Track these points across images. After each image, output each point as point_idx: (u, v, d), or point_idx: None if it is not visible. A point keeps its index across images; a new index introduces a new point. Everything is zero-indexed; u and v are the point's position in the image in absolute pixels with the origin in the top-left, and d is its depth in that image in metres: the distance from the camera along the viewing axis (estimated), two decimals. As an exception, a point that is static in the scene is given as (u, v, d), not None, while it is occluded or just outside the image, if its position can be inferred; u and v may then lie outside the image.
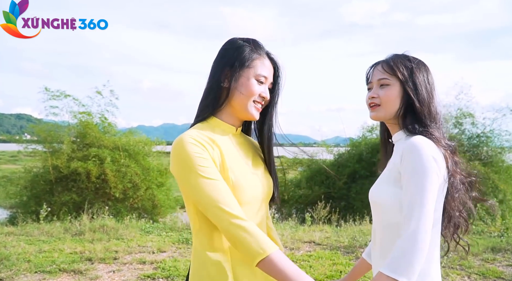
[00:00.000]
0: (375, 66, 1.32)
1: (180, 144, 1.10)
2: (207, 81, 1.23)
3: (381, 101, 1.26)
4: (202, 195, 1.06)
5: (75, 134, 9.49)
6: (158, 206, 9.75)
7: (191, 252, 4.82)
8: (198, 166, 1.07)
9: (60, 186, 8.76)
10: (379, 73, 1.29)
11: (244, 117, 1.23)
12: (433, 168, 1.11)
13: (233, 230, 1.03)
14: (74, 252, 4.72)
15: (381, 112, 1.27)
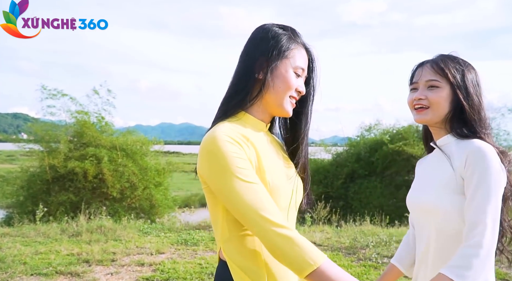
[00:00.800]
0: (422, 65, 1.25)
1: (213, 141, 0.96)
2: (236, 72, 1.08)
3: (430, 103, 1.21)
4: (240, 200, 0.93)
5: (72, 134, 9.44)
6: (156, 206, 9.70)
7: (190, 254, 4.76)
8: (236, 168, 0.94)
9: (57, 186, 8.69)
10: (428, 74, 1.22)
11: (276, 113, 1.10)
12: (500, 176, 1.10)
13: (279, 242, 0.91)
14: (71, 253, 4.63)
15: (428, 115, 1.22)
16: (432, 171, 1.26)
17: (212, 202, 1.03)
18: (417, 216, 1.27)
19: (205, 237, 5.62)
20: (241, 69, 1.07)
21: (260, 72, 1.05)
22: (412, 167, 6.81)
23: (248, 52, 1.08)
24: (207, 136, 0.99)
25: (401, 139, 11.35)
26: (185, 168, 17.52)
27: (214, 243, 5.33)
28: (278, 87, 1.05)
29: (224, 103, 1.08)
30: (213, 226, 1.07)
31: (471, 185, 1.09)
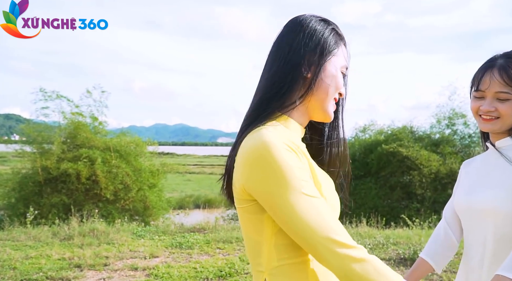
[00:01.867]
0: (491, 71, 1.17)
1: (267, 149, 0.79)
2: (276, 70, 0.90)
3: (500, 115, 1.16)
4: (304, 220, 0.77)
5: (66, 135, 9.33)
6: (150, 208, 9.62)
7: (185, 258, 4.69)
8: (298, 180, 0.78)
9: (49, 188, 8.59)
10: (497, 85, 1.15)
11: (317, 117, 0.95)
12: None
13: (357, 268, 0.76)
14: (63, 258, 4.53)
15: (497, 125, 1.18)
16: (490, 172, 1.21)
17: (255, 224, 0.85)
18: (469, 218, 1.23)
19: (200, 240, 5.53)
20: (284, 66, 0.89)
21: (309, 70, 0.89)
22: (406, 168, 6.77)
23: (292, 47, 0.90)
24: (253, 142, 0.81)
25: (395, 140, 11.35)
26: (180, 169, 17.42)
27: (209, 246, 5.25)
28: (327, 88, 0.91)
29: (259, 104, 0.90)
30: (251, 253, 0.88)
31: None
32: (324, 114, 0.94)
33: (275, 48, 0.93)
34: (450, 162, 10.53)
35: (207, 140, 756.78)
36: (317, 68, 0.89)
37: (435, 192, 10.46)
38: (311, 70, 0.89)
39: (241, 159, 0.82)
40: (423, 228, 6.84)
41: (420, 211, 10.15)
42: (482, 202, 1.17)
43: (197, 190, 20.39)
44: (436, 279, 4.13)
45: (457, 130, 11.38)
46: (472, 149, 11.07)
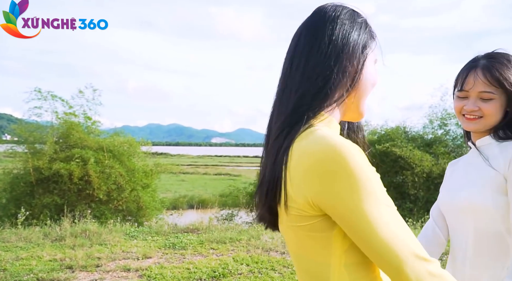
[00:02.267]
0: (474, 72, 1.19)
1: (341, 154, 0.67)
2: (316, 63, 0.77)
3: (483, 114, 1.19)
4: (390, 233, 0.67)
5: (58, 135, 9.25)
6: (144, 208, 9.57)
7: (178, 258, 4.66)
8: (379, 189, 0.69)
9: (41, 188, 8.51)
10: (481, 85, 1.17)
11: (350, 117, 0.87)
12: None
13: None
14: (54, 259, 4.47)
15: (480, 124, 1.20)
16: (472, 171, 1.23)
17: (321, 243, 0.72)
18: (452, 217, 1.25)
19: (194, 241, 5.50)
20: (326, 59, 0.77)
21: (351, 65, 0.78)
22: (400, 168, 6.81)
23: (332, 39, 0.78)
24: (320, 147, 0.69)
25: (388, 140, 11.41)
26: (174, 170, 17.37)
27: (202, 247, 5.22)
28: (366, 85, 0.82)
29: (301, 102, 0.76)
30: (313, 277, 0.75)
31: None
32: (359, 113, 0.85)
33: (309, 39, 0.79)
34: (443, 162, 10.60)
35: (201, 140, 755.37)
36: (360, 63, 0.80)
37: (427, 192, 10.52)
38: (353, 65, 0.79)
39: (306, 168, 0.69)
40: (416, 228, 6.87)
41: (412, 211, 10.22)
42: (464, 200, 1.19)
43: (191, 190, 20.34)
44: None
45: (450, 131, 11.48)
46: (464, 149, 11.16)
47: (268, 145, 0.80)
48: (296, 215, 0.72)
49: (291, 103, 0.77)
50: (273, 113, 0.81)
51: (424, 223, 7.43)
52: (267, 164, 0.77)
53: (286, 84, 0.80)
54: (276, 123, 0.78)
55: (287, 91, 0.79)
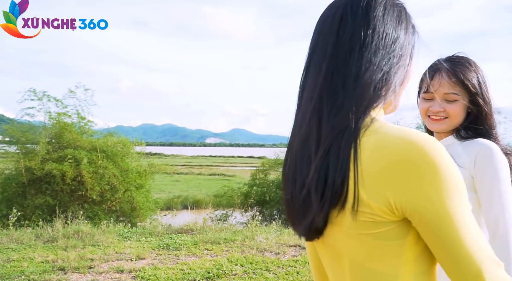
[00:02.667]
0: (439, 74, 1.23)
1: (428, 148, 0.60)
2: (376, 50, 0.68)
3: (448, 115, 1.23)
4: (474, 237, 0.61)
5: (51, 135, 9.17)
6: (137, 209, 9.52)
7: (172, 259, 4.62)
8: (463, 188, 0.62)
9: (33, 189, 8.44)
10: (446, 87, 1.22)
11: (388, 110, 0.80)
12: (509, 173, 1.17)
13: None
14: (46, 261, 4.42)
15: (445, 125, 1.25)
16: None
17: (391, 252, 0.64)
18: None
19: (188, 241, 5.47)
20: (388, 49, 0.68)
21: (407, 56, 0.71)
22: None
23: (389, 26, 0.70)
24: (399, 141, 0.61)
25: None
26: (168, 170, 17.31)
27: (197, 248, 5.19)
28: (409, 78, 0.75)
29: (362, 94, 0.66)
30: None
31: (486, 184, 1.15)
32: (395, 106, 0.76)
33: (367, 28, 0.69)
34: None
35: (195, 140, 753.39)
36: (411, 54, 0.73)
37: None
38: (408, 57, 0.72)
39: (385, 166, 0.60)
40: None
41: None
42: None
43: (185, 190, 20.28)
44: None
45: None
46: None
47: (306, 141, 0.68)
48: (367, 221, 0.62)
49: (353, 94, 0.66)
50: (320, 105, 0.67)
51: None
52: (313, 163, 0.65)
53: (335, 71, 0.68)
54: (331, 117, 0.65)
55: (339, 81, 0.67)
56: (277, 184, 11.39)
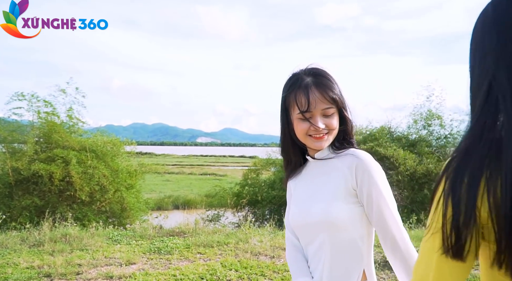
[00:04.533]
0: (311, 92, 1.20)
1: None
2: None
3: (329, 130, 1.23)
4: None
5: (39, 135, 8.95)
6: (128, 209, 9.36)
7: (164, 264, 4.47)
8: None
9: (20, 190, 8.21)
10: (322, 103, 1.20)
11: None
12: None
13: None
14: (31, 266, 4.23)
15: (328, 141, 1.24)
16: (320, 184, 1.26)
17: None
18: (307, 232, 1.26)
19: (180, 245, 5.31)
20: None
21: None
22: (385, 168, 6.75)
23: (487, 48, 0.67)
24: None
25: (373, 140, 11.45)
26: (158, 170, 17.14)
27: (189, 251, 5.04)
28: None
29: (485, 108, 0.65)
30: None
31: (374, 193, 1.16)
32: None
33: None
34: (427, 162, 10.69)
35: (186, 139, 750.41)
36: None
37: (412, 192, 10.58)
38: None
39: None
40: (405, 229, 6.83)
41: (397, 211, 10.28)
42: (316, 215, 1.21)
43: (176, 190, 20.09)
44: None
45: (433, 131, 11.59)
46: (448, 149, 11.27)
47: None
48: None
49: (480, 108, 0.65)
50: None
51: (412, 224, 7.42)
52: None
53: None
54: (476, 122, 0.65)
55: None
56: (269, 184, 11.29)
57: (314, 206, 1.22)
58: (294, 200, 1.32)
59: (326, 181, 1.24)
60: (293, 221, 1.29)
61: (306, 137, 1.23)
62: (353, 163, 1.20)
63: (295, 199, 1.32)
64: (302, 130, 1.22)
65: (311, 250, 1.25)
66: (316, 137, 1.22)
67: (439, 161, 10.74)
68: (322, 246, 1.21)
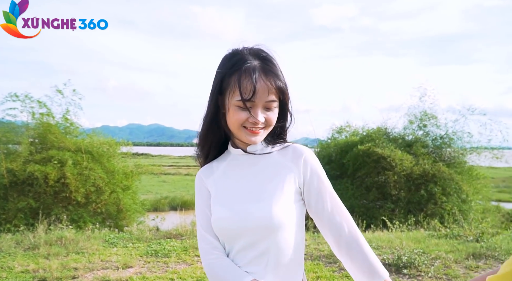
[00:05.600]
0: (259, 78, 1.03)
1: None
2: None
3: (267, 125, 1.08)
4: None
5: (34, 136, 8.87)
6: (124, 211, 9.30)
7: (161, 267, 4.41)
8: None
9: (15, 191, 8.12)
10: (267, 94, 1.04)
11: None
12: None
13: None
14: (26, 270, 4.16)
15: (263, 135, 1.09)
16: (256, 182, 1.10)
17: None
18: (243, 238, 1.06)
19: (177, 247, 5.25)
20: None
21: None
22: (382, 169, 6.70)
23: None
24: None
25: (370, 141, 11.46)
26: (155, 171, 17.07)
27: (187, 254, 4.99)
28: None
29: None
30: None
31: (319, 190, 1.09)
32: None
33: None
34: (423, 163, 10.71)
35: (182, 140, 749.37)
36: None
37: (409, 193, 10.59)
38: None
39: None
40: (403, 231, 6.81)
41: (394, 211, 10.26)
42: (259, 218, 1.04)
43: (172, 191, 20.01)
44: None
45: (429, 132, 11.63)
46: (444, 150, 11.30)
47: None
48: None
49: None
50: None
51: (411, 226, 7.39)
52: None
53: None
54: None
55: None
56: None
57: (255, 207, 1.06)
58: (222, 200, 1.10)
59: (266, 178, 1.09)
60: (224, 226, 1.07)
61: (240, 128, 1.06)
62: (299, 157, 1.10)
63: (223, 199, 1.10)
64: (238, 120, 1.05)
65: (248, 256, 1.07)
66: (251, 130, 1.06)
67: (435, 162, 10.76)
68: (266, 251, 1.06)
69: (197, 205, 1.17)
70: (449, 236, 6.01)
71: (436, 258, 4.74)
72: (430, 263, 4.51)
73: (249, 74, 1.02)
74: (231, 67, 1.05)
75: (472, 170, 11.00)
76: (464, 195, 10.41)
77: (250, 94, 1.01)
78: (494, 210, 11.80)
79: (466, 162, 11.12)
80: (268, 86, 1.02)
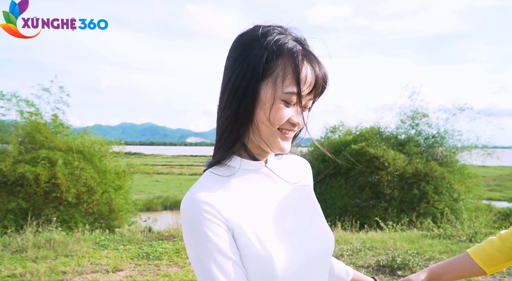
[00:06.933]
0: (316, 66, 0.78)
1: None
2: None
3: (298, 128, 0.82)
4: None
5: (23, 135, 8.71)
6: (116, 211, 9.20)
7: (152, 270, 4.33)
8: None
9: (4, 192, 7.97)
10: (319, 88, 0.79)
11: None
12: None
13: None
14: (13, 274, 4.05)
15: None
16: (295, 203, 0.86)
17: None
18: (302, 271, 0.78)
19: (169, 249, 5.17)
20: None
21: None
22: (375, 168, 6.69)
23: None
24: None
25: (363, 140, 11.48)
26: (147, 170, 16.95)
27: (179, 256, 4.91)
28: None
29: None
30: None
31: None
32: None
33: None
34: (416, 162, 10.75)
35: (176, 139, 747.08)
36: None
37: (401, 192, 10.62)
38: None
39: None
40: (396, 231, 6.80)
41: (387, 211, 10.28)
42: (323, 249, 0.84)
43: (165, 191, 19.90)
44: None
45: (421, 131, 11.69)
46: (436, 149, 11.35)
47: None
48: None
49: None
50: None
51: (404, 226, 7.38)
52: None
53: None
54: None
55: None
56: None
57: (314, 229, 0.86)
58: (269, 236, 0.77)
59: (296, 193, 0.89)
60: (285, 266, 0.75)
61: (276, 130, 0.79)
62: (302, 165, 0.97)
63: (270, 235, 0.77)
64: (280, 119, 0.77)
65: None
66: (287, 135, 0.81)
67: (427, 161, 10.81)
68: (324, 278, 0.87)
69: (208, 251, 0.72)
70: (443, 236, 6.00)
71: (430, 259, 4.72)
72: (424, 264, 4.49)
73: (313, 60, 0.78)
74: (279, 46, 0.76)
75: (464, 169, 11.08)
76: (456, 194, 10.48)
77: (311, 87, 0.77)
78: (485, 209, 11.87)
79: (458, 161, 11.19)
80: (323, 81, 0.79)
